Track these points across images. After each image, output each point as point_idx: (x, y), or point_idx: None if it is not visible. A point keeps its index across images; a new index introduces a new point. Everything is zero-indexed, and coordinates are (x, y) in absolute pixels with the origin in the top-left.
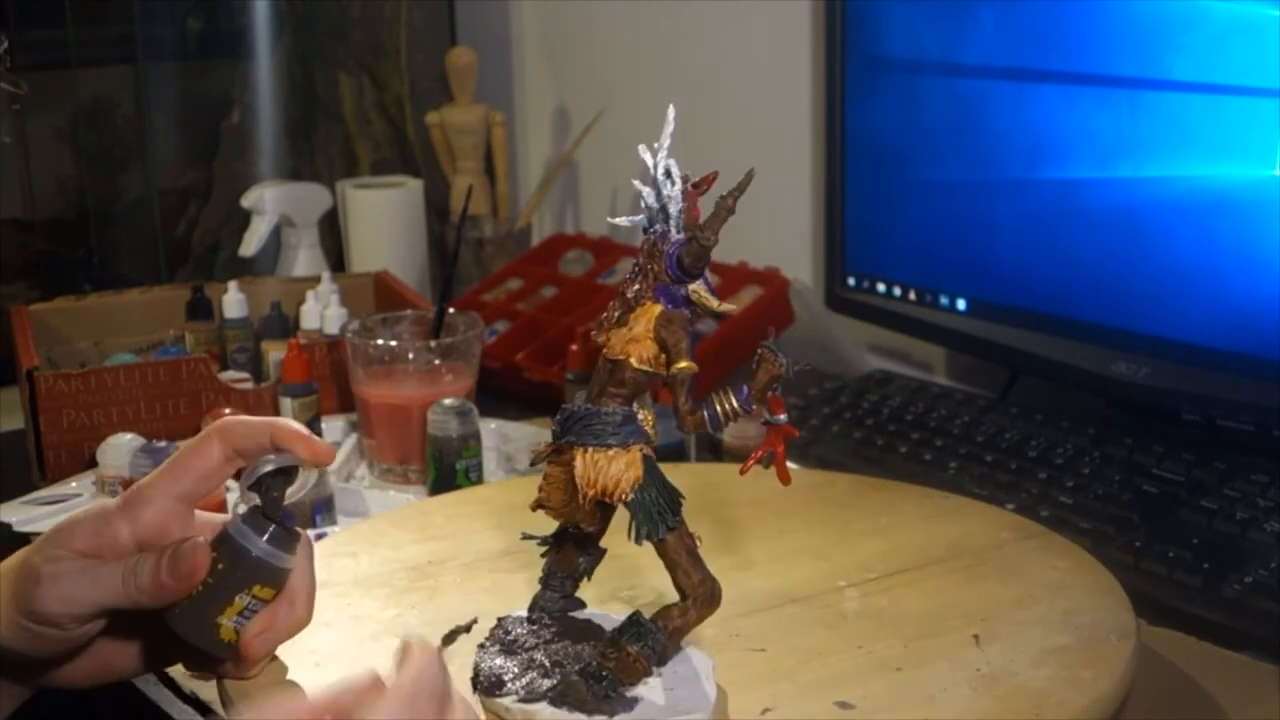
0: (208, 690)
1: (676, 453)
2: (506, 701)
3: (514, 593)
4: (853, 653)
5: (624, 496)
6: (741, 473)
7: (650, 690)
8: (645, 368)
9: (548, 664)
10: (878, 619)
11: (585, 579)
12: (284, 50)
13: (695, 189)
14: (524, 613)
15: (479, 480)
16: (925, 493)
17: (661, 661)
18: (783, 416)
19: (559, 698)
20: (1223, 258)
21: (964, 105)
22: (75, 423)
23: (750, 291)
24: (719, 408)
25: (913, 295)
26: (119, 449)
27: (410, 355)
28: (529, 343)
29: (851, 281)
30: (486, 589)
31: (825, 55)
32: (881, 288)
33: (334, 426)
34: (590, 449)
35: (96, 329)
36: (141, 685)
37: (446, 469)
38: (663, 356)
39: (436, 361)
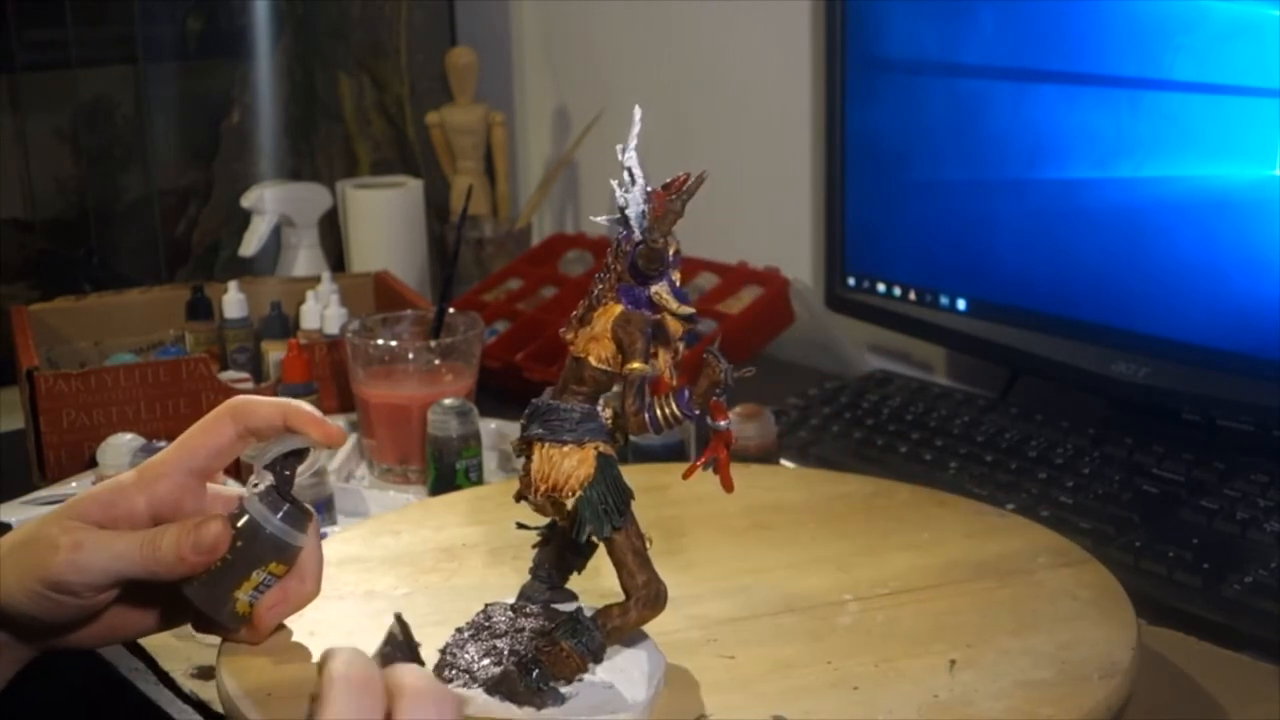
0: (208, 690)
1: (677, 452)
2: (452, 685)
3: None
4: (820, 668)
5: (571, 493)
6: (685, 477)
7: (586, 686)
8: (604, 366)
9: (505, 652)
10: (865, 636)
11: (575, 572)
12: (284, 50)
13: (665, 190)
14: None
15: (479, 480)
16: (980, 509)
17: (597, 659)
18: (724, 422)
19: (494, 687)
20: (1223, 258)
21: (964, 105)
22: (75, 423)
23: (750, 291)
24: (659, 412)
25: (913, 295)
26: (119, 449)
27: (410, 355)
28: (529, 343)
29: (851, 281)
30: (502, 574)
31: (825, 55)
32: (881, 288)
33: None
34: (547, 444)
35: (96, 329)
36: (141, 685)
37: (446, 469)
38: (620, 356)
39: (436, 361)
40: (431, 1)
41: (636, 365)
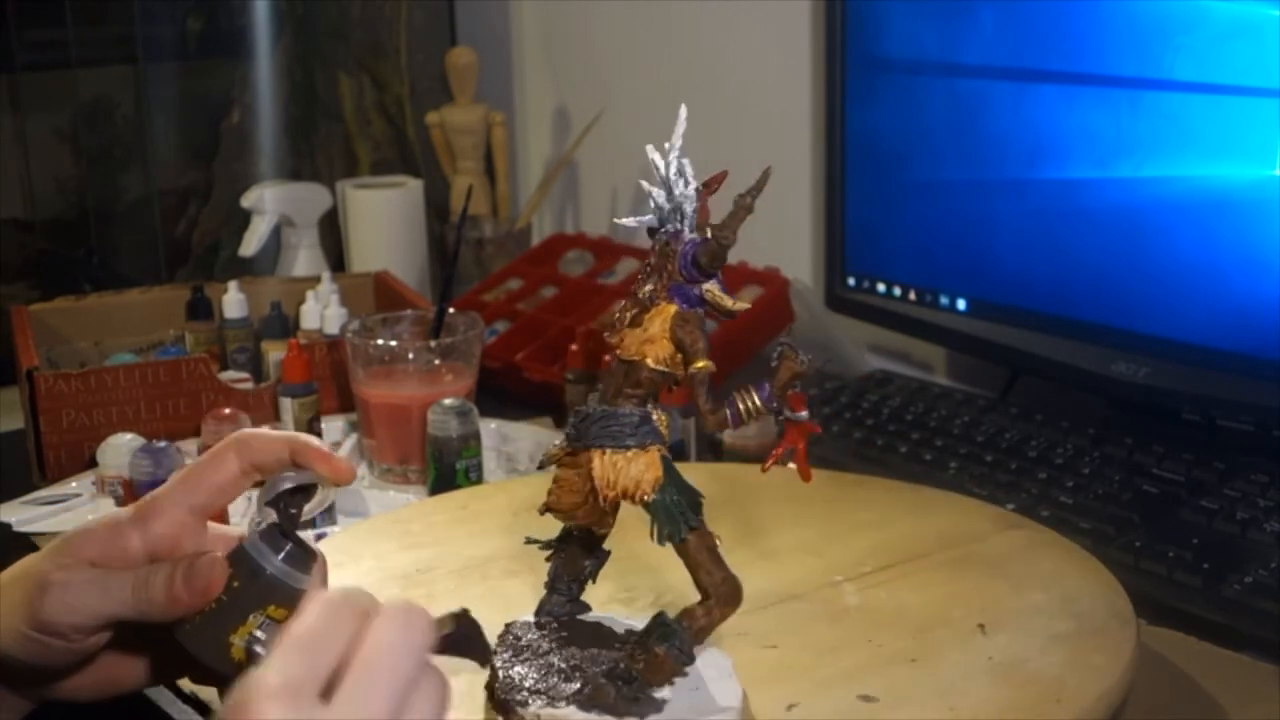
0: (207, 690)
1: (676, 452)
2: (534, 708)
3: (510, 598)
4: (864, 646)
5: (645, 498)
6: (764, 470)
7: (675, 691)
8: (662, 368)
9: (566, 668)
10: (880, 612)
11: (590, 582)
12: (284, 50)
13: (706, 189)
14: (530, 618)
15: (479, 480)
16: (901, 487)
17: (689, 661)
18: (804, 413)
19: (587, 701)
20: (1223, 258)
21: (964, 105)
22: (75, 423)
23: (750, 291)
24: (741, 406)
25: (913, 295)
26: (119, 449)
27: (410, 355)
28: (529, 343)
29: (851, 281)
30: (482, 595)
31: (825, 55)
32: (881, 288)
33: (334, 426)
34: (609, 451)
35: (96, 329)
36: None
37: (446, 469)
38: (679, 356)
39: (436, 361)
40: (431, 1)
41: (703, 363)
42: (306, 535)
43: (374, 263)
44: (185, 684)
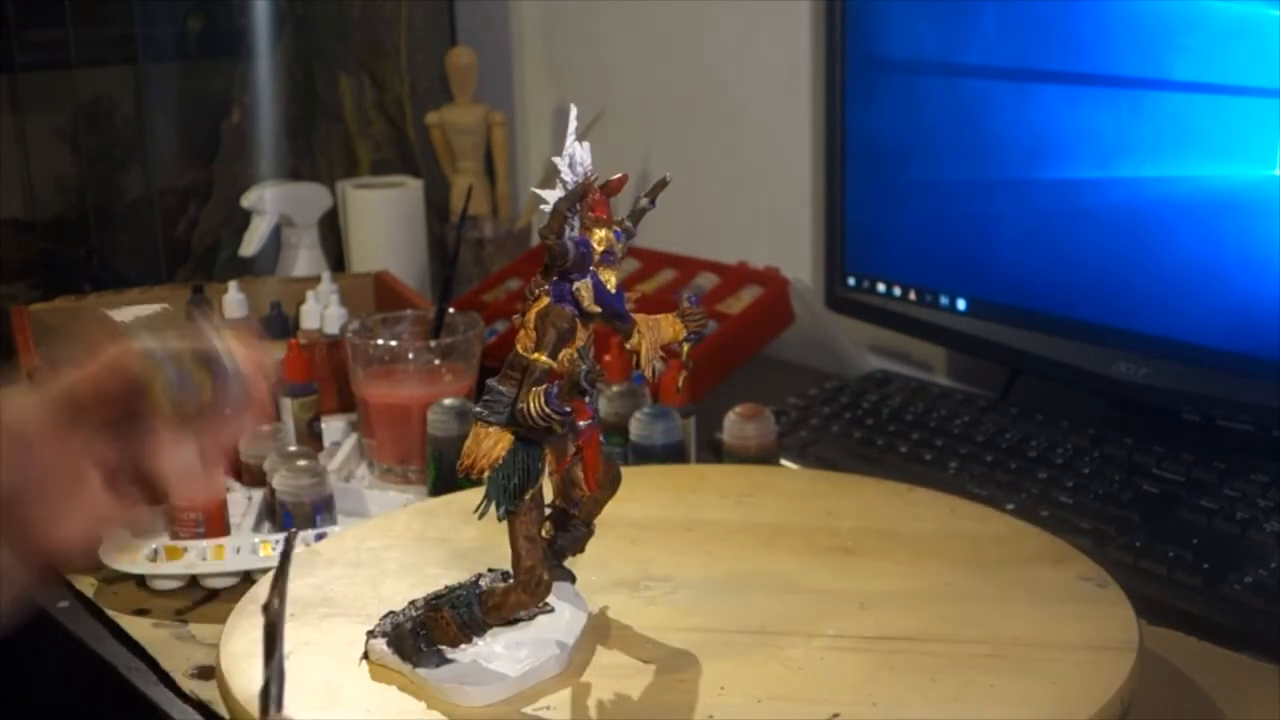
0: (208, 690)
1: (676, 452)
2: (374, 629)
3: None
4: (700, 692)
5: (480, 473)
6: (551, 476)
7: (473, 654)
8: (526, 355)
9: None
10: (791, 672)
11: (568, 554)
12: (284, 50)
13: (603, 190)
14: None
15: (479, 481)
16: (1087, 575)
17: (476, 633)
18: (583, 423)
19: (393, 640)
20: (1223, 258)
21: (964, 105)
22: None
23: (750, 291)
24: (529, 405)
25: (913, 295)
26: None
27: (410, 355)
28: None
29: (851, 281)
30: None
31: (825, 55)
32: (881, 288)
33: (334, 426)
34: (479, 423)
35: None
36: (141, 685)
37: (446, 469)
38: None
39: (436, 361)
40: (431, 1)
41: (538, 357)
42: (307, 535)
43: (374, 263)
44: (186, 684)
